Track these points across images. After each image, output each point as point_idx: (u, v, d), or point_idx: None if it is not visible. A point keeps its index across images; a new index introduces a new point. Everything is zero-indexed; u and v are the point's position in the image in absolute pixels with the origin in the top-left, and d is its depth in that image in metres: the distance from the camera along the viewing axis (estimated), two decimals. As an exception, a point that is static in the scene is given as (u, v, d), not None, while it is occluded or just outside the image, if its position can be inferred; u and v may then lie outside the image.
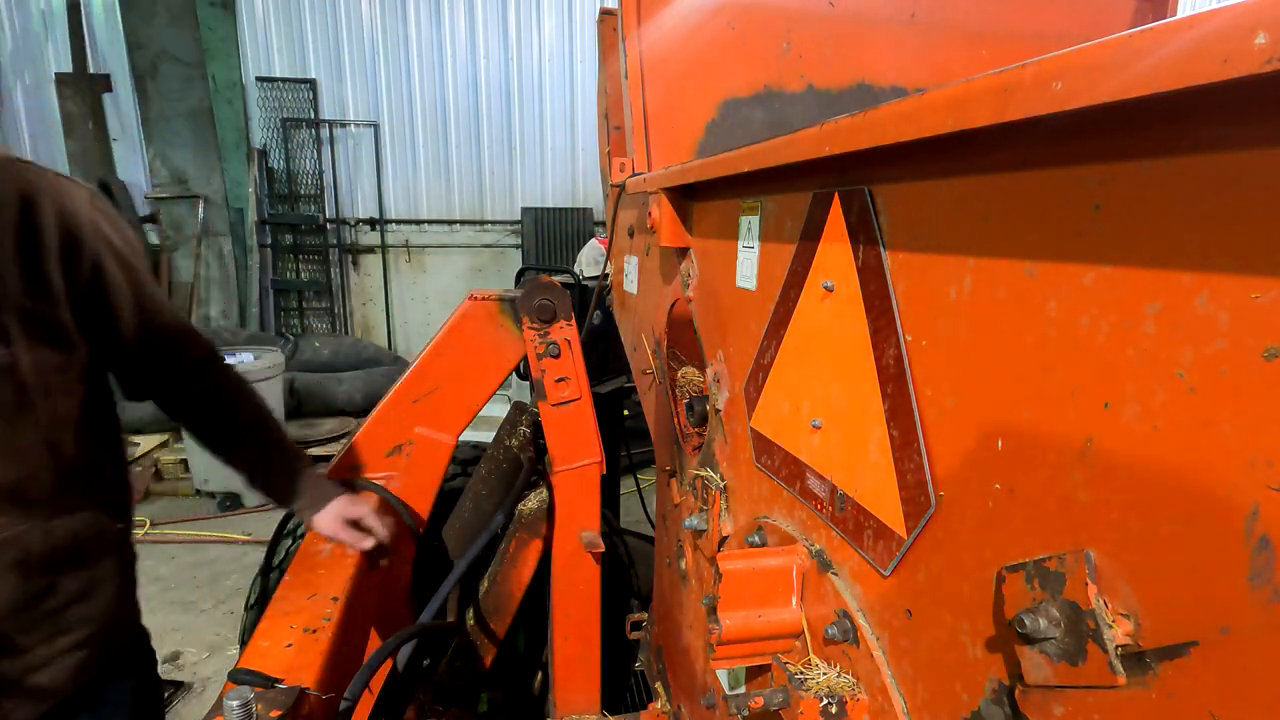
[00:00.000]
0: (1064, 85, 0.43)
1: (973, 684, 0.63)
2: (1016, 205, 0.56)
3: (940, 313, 0.65)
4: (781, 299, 0.97)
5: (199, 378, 1.41)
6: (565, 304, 1.75)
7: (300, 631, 1.20)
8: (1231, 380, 0.40)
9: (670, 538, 1.63)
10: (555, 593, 1.86)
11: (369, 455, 1.85)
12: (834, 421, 0.86)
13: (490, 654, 1.99)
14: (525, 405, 2.12)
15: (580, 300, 2.42)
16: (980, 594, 0.61)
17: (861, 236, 0.77)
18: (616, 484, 3.01)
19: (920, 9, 1.96)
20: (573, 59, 7.90)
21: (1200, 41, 0.35)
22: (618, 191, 1.82)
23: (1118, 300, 0.47)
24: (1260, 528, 0.39)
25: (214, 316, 7.42)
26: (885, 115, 0.62)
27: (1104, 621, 0.47)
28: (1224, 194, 0.40)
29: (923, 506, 0.68)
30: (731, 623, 0.90)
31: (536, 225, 7.89)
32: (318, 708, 1.06)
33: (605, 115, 2.21)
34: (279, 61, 7.49)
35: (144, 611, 1.43)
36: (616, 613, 2.01)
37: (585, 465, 1.81)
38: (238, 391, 1.45)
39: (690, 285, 1.37)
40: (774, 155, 0.86)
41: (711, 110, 1.84)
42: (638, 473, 3.00)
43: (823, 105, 1.93)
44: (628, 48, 1.76)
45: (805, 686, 0.82)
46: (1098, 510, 0.49)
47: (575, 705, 1.93)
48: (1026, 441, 0.56)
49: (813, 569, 0.90)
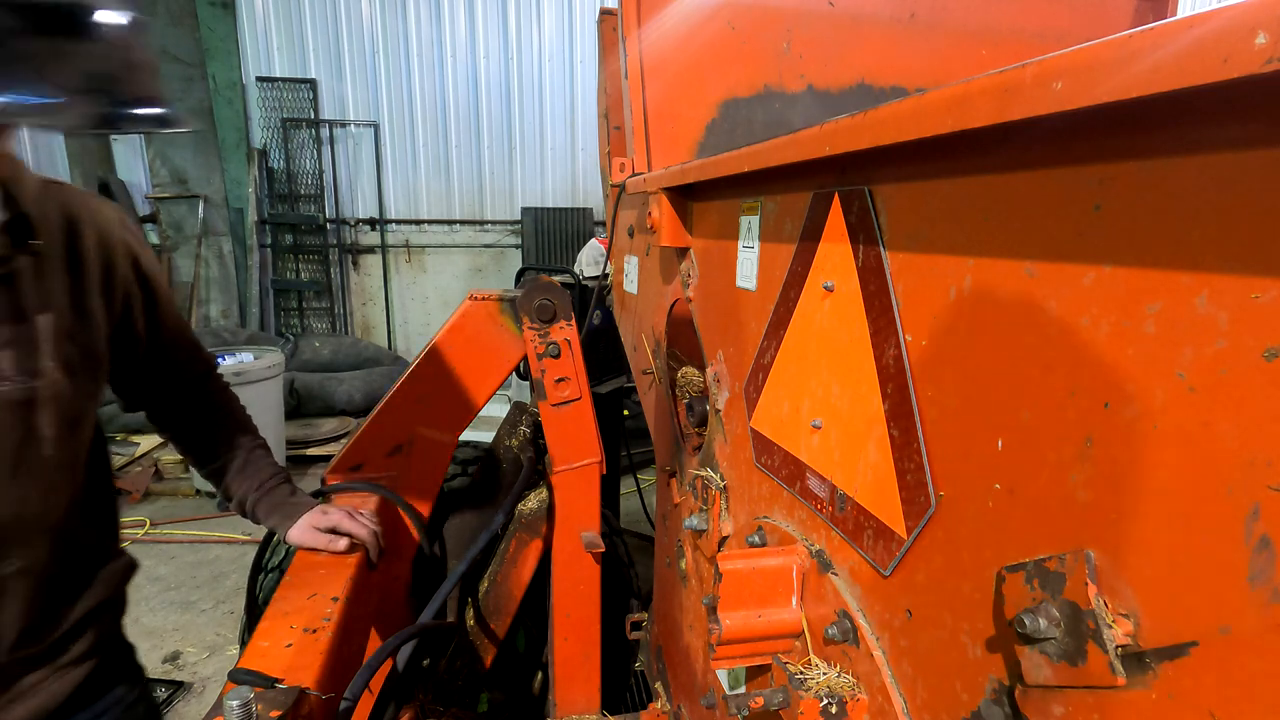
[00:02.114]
0: (1064, 85, 0.43)
1: (973, 684, 0.63)
2: (1016, 205, 0.56)
3: (940, 313, 0.65)
4: (781, 299, 0.97)
5: (196, 393, 1.43)
6: (565, 304, 1.75)
7: (300, 631, 1.19)
8: (1231, 380, 0.40)
9: (670, 538, 1.63)
10: (555, 593, 1.86)
11: (369, 455, 1.85)
12: (834, 421, 0.86)
13: (490, 654, 1.99)
14: (525, 405, 2.12)
15: (580, 300, 2.42)
16: (980, 594, 0.61)
17: (861, 236, 0.77)
18: (616, 484, 3.01)
19: (920, 9, 1.97)
20: (573, 59, 7.90)
21: (1200, 41, 0.35)
22: (618, 191, 1.82)
23: (1118, 300, 0.47)
24: (1260, 528, 0.39)
25: (214, 316, 7.42)
26: (885, 115, 0.62)
27: (1104, 621, 0.47)
28: (1224, 194, 0.40)
29: (923, 506, 0.68)
30: (731, 623, 0.90)
31: (536, 225, 7.89)
32: (318, 708, 1.06)
33: (605, 115, 2.21)
34: (279, 61, 7.49)
35: (144, 611, 1.44)
36: (616, 613, 2.01)
37: (585, 465, 1.81)
38: (228, 409, 1.48)
39: (690, 285, 1.37)
40: (774, 155, 0.86)
41: (711, 110, 1.84)
42: (638, 473, 3.00)
43: (823, 105, 1.93)
44: (628, 48, 1.76)
45: (805, 686, 0.82)
46: (1098, 510, 0.49)
47: (575, 705, 1.93)
48: (1026, 441, 0.56)
49: (813, 569, 0.90)
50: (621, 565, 2.36)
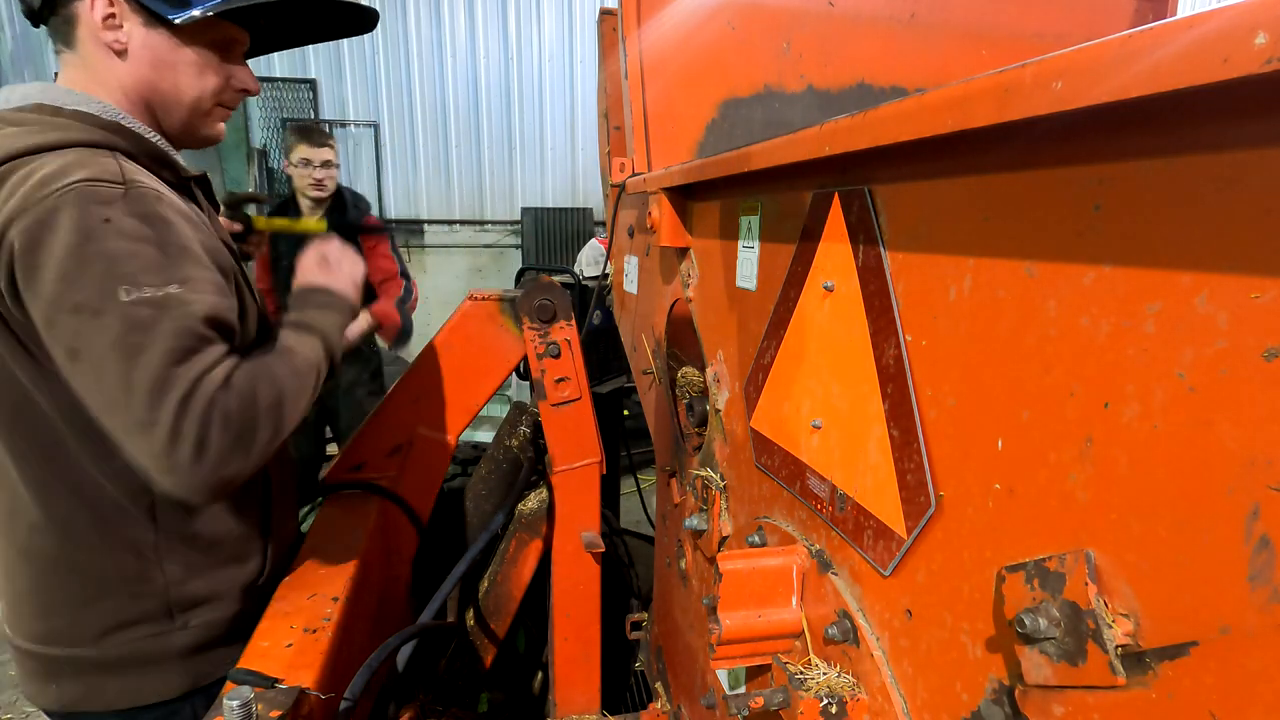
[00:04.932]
0: (1064, 85, 0.43)
1: (973, 684, 0.63)
2: (1016, 205, 0.56)
3: (940, 313, 0.65)
4: (781, 299, 0.97)
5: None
6: (565, 304, 1.75)
7: (300, 631, 1.19)
8: (1231, 380, 0.40)
9: (670, 538, 1.63)
10: (555, 593, 1.86)
11: (369, 455, 1.85)
12: (834, 421, 0.86)
13: (490, 654, 1.99)
14: (525, 405, 2.12)
15: (580, 300, 2.42)
16: (980, 594, 0.61)
17: (861, 236, 0.77)
18: (616, 484, 3.01)
19: (920, 9, 1.96)
20: (573, 59, 7.90)
21: (1200, 41, 0.35)
22: (618, 191, 1.82)
23: (1118, 300, 0.47)
24: (1260, 528, 0.39)
25: (214, 316, 7.40)
26: (885, 115, 0.62)
27: (1104, 621, 0.47)
28: (1224, 194, 0.40)
29: (923, 506, 0.68)
30: (731, 623, 0.90)
31: (536, 225, 7.88)
32: (318, 708, 1.06)
33: (605, 115, 2.21)
34: (279, 61, 7.48)
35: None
36: (616, 613, 2.01)
37: (585, 465, 1.81)
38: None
39: (690, 285, 1.37)
40: (774, 155, 0.86)
41: (711, 110, 1.84)
42: (638, 473, 3.00)
43: (823, 105, 1.93)
44: (628, 48, 1.76)
45: (805, 686, 0.82)
46: (1098, 510, 0.49)
47: (575, 705, 1.93)
48: (1026, 441, 0.56)
49: (813, 569, 0.90)
50: (621, 565, 2.36)
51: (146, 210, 0.96)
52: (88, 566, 1.09)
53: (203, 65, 1.11)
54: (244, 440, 0.96)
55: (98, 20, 1.02)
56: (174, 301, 0.94)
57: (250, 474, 0.99)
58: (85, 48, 1.05)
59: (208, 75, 1.12)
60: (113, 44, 1.04)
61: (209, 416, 0.92)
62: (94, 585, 1.10)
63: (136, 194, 0.97)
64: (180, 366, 0.92)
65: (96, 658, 1.11)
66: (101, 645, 1.11)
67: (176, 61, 1.08)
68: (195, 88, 1.11)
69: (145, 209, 0.96)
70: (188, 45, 1.08)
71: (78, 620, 1.10)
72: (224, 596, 1.18)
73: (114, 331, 0.90)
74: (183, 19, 1.04)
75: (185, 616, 1.14)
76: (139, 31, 1.05)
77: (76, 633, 1.10)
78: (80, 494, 1.07)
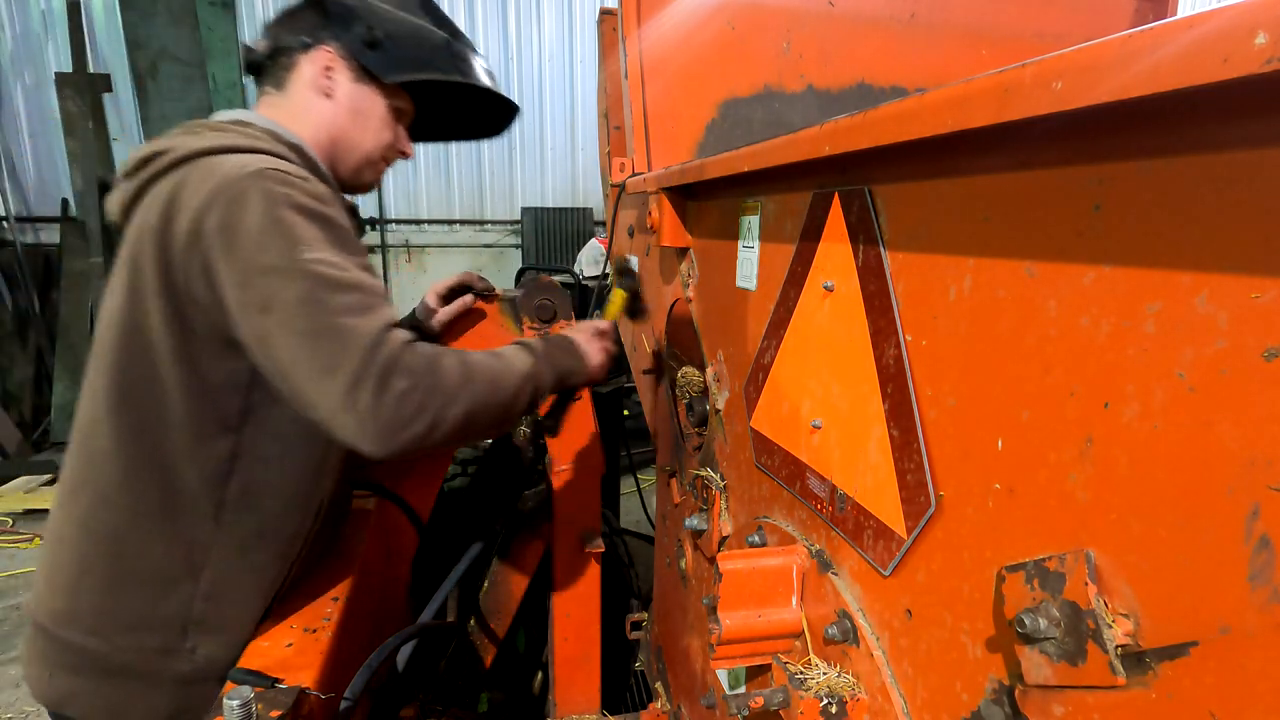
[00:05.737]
0: (1064, 85, 0.43)
1: (973, 684, 0.63)
2: (1016, 205, 0.56)
3: (940, 313, 0.65)
4: (781, 299, 0.97)
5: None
6: (565, 304, 1.75)
7: (300, 631, 1.19)
8: (1231, 380, 0.40)
9: (670, 538, 1.63)
10: (555, 593, 1.86)
11: (369, 455, 1.84)
12: (834, 421, 0.86)
13: (490, 654, 1.99)
14: (525, 405, 2.11)
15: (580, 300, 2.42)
16: (980, 594, 0.61)
17: (861, 236, 0.77)
18: (616, 484, 3.01)
19: (920, 9, 1.97)
20: (573, 59, 7.90)
21: (1200, 41, 0.35)
22: (618, 191, 1.82)
23: (1118, 300, 0.47)
24: (1260, 528, 0.39)
25: (214, 316, 7.39)
26: (885, 115, 0.62)
27: (1104, 621, 0.47)
28: (1224, 194, 0.40)
29: (923, 506, 0.68)
30: (731, 623, 0.90)
31: (536, 225, 7.89)
32: (318, 708, 1.06)
33: (605, 115, 2.21)
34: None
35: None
36: (616, 613, 2.01)
37: (585, 465, 1.81)
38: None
39: (690, 285, 1.37)
40: (774, 155, 0.86)
41: (711, 110, 1.84)
42: (638, 473, 3.00)
43: (823, 105, 1.93)
44: (628, 48, 1.76)
45: (805, 686, 0.82)
46: (1098, 510, 0.49)
47: (575, 705, 1.93)
48: (1026, 441, 0.56)
49: (813, 569, 0.90)
50: (621, 565, 2.36)
51: (322, 200, 1.07)
52: (137, 551, 1.10)
53: (386, 122, 1.32)
54: (425, 402, 1.00)
55: (318, 69, 1.23)
56: (357, 266, 1.05)
57: (429, 446, 1.02)
58: (294, 88, 1.24)
59: (385, 131, 1.32)
60: (324, 89, 1.24)
61: (392, 365, 0.98)
62: (133, 573, 1.11)
63: (313, 187, 1.07)
64: (364, 319, 0.99)
65: (104, 654, 1.11)
66: (114, 640, 1.11)
67: (371, 113, 1.29)
68: (375, 139, 1.31)
69: (322, 200, 1.07)
70: (383, 100, 1.29)
71: (103, 606, 1.11)
72: (232, 630, 1.19)
73: (304, 286, 0.97)
74: (391, 79, 1.27)
75: (195, 640, 1.14)
76: (347, 84, 1.25)
77: (97, 620, 1.11)
78: (162, 474, 1.09)
